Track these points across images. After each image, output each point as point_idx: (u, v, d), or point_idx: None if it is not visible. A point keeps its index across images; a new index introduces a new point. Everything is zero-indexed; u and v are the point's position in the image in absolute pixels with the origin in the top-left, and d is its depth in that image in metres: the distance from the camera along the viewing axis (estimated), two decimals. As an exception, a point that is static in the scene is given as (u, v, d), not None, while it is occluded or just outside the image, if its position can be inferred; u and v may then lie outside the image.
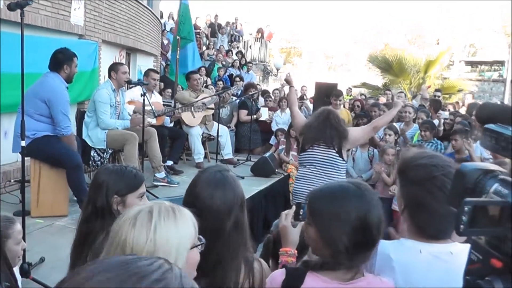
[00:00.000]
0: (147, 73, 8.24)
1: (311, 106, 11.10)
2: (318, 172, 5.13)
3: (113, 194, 2.51)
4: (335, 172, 5.13)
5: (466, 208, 1.16)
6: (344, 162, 5.21)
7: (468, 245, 2.19)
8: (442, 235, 2.08)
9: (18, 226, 2.77)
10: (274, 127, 10.44)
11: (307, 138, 5.26)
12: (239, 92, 12.02)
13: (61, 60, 5.63)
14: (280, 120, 10.51)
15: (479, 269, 1.26)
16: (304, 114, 10.05)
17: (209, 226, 2.03)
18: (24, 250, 3.91)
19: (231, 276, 2.16)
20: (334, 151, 5.11)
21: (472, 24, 44.93)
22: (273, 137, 10.28)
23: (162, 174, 7.37)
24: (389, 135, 7.59)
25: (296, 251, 2.36)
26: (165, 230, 1.51)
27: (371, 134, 5.91)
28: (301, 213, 2.48)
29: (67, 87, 5.73)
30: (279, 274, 2.11)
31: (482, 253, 1.27)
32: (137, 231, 1.49)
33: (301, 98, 11.43)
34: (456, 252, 2.04)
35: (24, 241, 3.00)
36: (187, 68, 11.11)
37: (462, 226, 1.18)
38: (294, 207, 2.53)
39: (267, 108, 11.15)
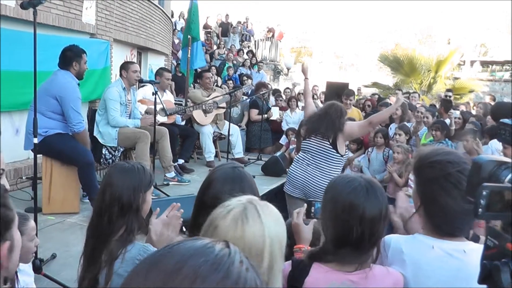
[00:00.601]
0: (160, 72, 8.26)
1: (321, 105, 11.08)
2: (310, 160, 5.40)
3: (140, 192, 2.52)
4: (327, 162, 5.34)
5: (484, 193, 1.22)
6: (338, 155, 5.35)
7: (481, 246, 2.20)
8: (458, 232, 2.08)
9: (32, 223, 2.79)
10: (284, 127, 10.45)
11: (307, 129, 5.59)
12: (250, 91, 12.02)
13: (70, 57, 5.65)
14: (290, 119, 10.51)
15: (496, 254, 1.30)
16: (314, 114, 10.05)
17: None
18: (36, 246, 3.93)
19: None
20: (328, 142, 5.30)
21: (482, 23, 44.73)
22: (283, 136, 10.28)
23: (171, 174, 7.40)
24: (399, 134, 7.55)
25: (309, 248, 2.36)
26: (273, 227, 1.52)
27: (367, 129, 5.91)
28: (312, 210, 2.52)
29: (78, 84, 5.76)
30: (286, 267, 2.13)
31: (498, 239, 1.31)
32: (250, 228, 1.48)
33: (312, 97, 11.41)
34: (469, 251, 2.03)
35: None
36: (192, 66, 11.15)
37: (480, 210, 1.23)
38: (305, 205, 2.55)
39: (278, 108, 11.14)
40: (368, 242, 2.01)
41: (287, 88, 14.40)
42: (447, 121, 7.97)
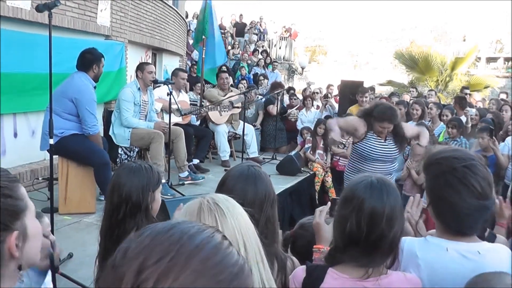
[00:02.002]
0: (175, 73, 8.33)
1: (336, 104, 11.03)
2: None
3: (148, 191, 2.55)
4: None
5: None
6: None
7: (496, 245, 2.19)
8: (468, 230, 2.06)
9: (46, 219, 2.81)
10: (299, 126, 10.41)
11: None
12: (265, 91, 12.02)
13: (90, 60, 5.70)
14: (305, 118, 10.47)
15: None
16: (328, 113, 10.01)
17: None
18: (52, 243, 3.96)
19: None
20: None
21: (498, 20, 44.38)
22: (299, 135, 10.28)
23: (185, 173, 7.41)
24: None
25: (328, 248, 2.35)
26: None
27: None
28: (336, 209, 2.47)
29: (95, 87, 5.81)
30: (301, 272, 2.13)
31: None
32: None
33: (326, 96, 11.33)
34: (483, 251, 2.03)
35: (53, 236, 3.05)
36: (215, 63, 11.22)
37: None
38: (329, 203, 2.52)
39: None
40: (367, 239, 1.97)
41: (306, 88, 14.38)
42: (463, 118, 7.92)
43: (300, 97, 11.90)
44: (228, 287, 0.88)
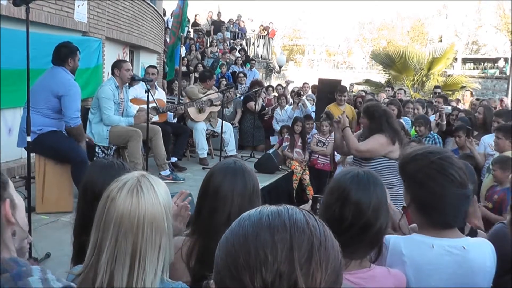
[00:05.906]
0: (145, 70, 8.26)
1: (308, 103, 10.94)
2: None
3: None
4: None
5: None
6: None
7: (480, 239, 2.22)
8: (452, 220, 2.09)
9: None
10: (274, 124, 10.44)
11: None
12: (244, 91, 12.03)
13: (65, 54, 5.61)
14: (280, 117, 10.45)
15: None
16: (300, 111, 9.98)
17: (232, 215, 2.09)
18: (30, 246, 3.90)
19: None
20: None
21: (474, 21, 44.94)
22: (272, 136, 10.30)
23: (166, 172, 7.38)
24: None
25: None
26: (165, 196, 1.79)
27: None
28: (318, 207, 2.45)
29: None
30: None
31: None
32: (146, 197, 1.70)
33: (298, 94, 11.13)
34: (468, 246, 2.06)
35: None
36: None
37: None
38: (310, 201, 2.51)
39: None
40: (351, 229, 1.97)
41: (279, 84, 14.34)
42: (434, 117, 8.02)
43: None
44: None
